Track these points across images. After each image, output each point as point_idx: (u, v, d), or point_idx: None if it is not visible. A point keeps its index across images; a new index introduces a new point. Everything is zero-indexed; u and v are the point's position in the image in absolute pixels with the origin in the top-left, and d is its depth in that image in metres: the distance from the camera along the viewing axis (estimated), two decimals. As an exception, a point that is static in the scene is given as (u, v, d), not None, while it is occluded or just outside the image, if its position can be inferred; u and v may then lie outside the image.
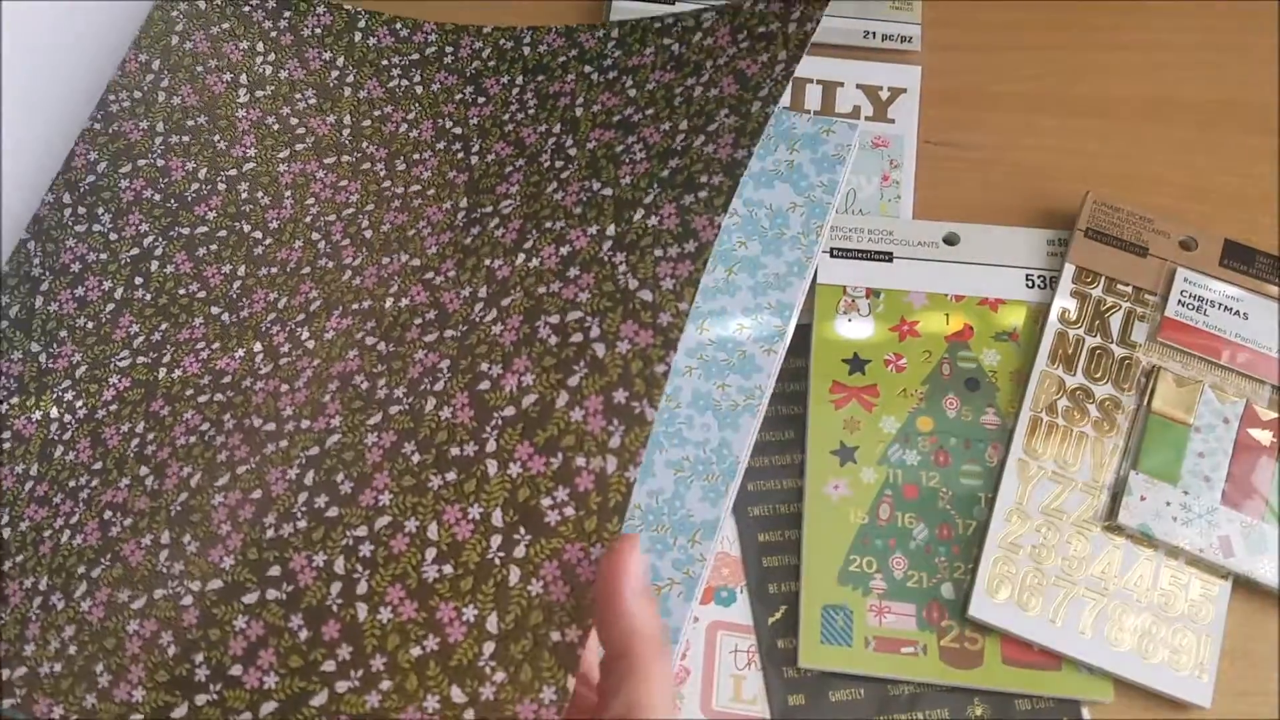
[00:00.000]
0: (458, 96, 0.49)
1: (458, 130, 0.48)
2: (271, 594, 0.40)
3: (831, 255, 0.49)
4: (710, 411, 0.45)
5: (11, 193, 0.50)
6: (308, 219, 0.48)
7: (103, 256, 0.49)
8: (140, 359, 0.47)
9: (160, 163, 0.51)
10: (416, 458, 0.39)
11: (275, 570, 0.40)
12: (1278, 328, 0.47)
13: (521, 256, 0.42)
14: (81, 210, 0.50)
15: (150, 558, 0.42)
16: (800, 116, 0.49)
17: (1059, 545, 0.45)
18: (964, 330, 0.48)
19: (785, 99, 0.52)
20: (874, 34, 0.54)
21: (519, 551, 0.37)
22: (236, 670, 0.39)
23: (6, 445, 0.46)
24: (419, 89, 0.50)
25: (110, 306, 0.48)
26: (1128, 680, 0.43)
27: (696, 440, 0.45)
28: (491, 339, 0.40)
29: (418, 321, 0.42)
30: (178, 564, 0.41)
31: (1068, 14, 0.55)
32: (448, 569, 0.38)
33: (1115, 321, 0.48)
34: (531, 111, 0.47)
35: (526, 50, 0.49)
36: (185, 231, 0.49)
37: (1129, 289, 0.48)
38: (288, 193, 0.49)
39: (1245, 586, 0.45)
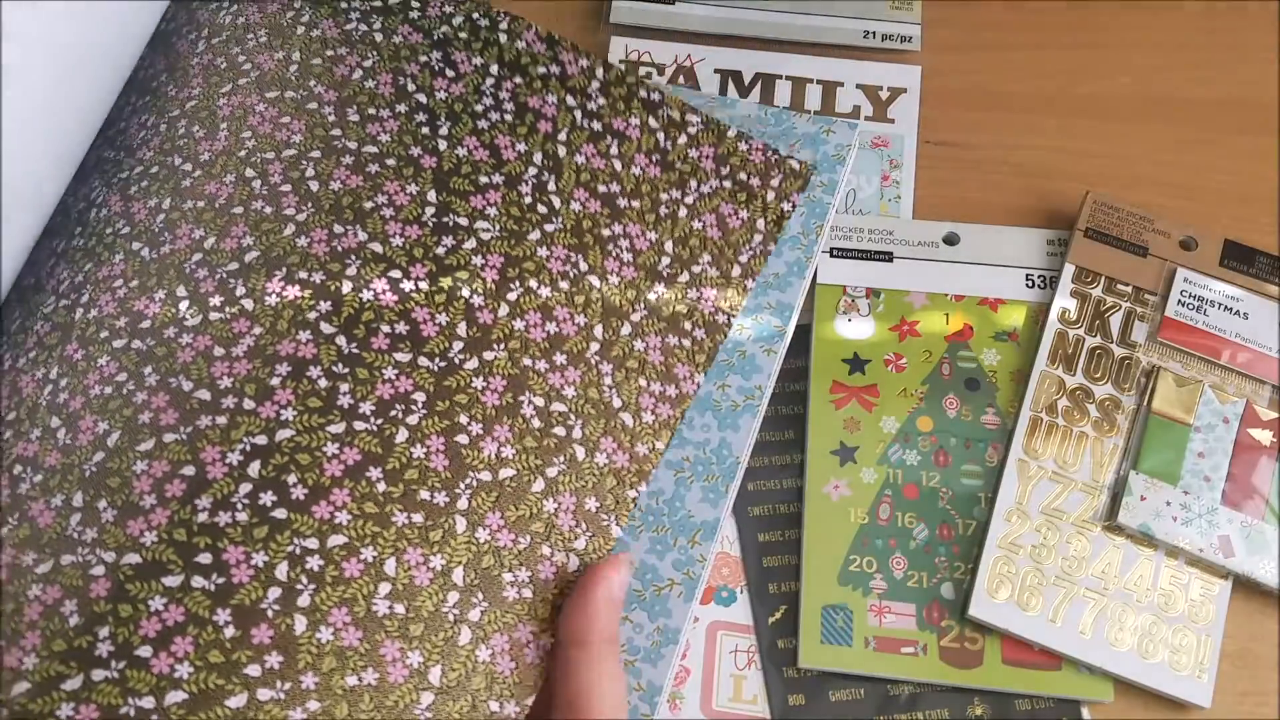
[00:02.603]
0: (422, 58, 0.46)
1: (422, 98, 0.45)
2: (198, 581, 0.37)
3: (831, 255, 0.49)
4: (710, 411, 0.45)
5: (15, 203, 0.49)
6: (242, 153, 0.44)
7: (57, 220, 0.48)
8: (62, 302, 0.43)
9: (121, 125, 0.49)
10: (382, 486, 0.38)
11: (205, 558, 0.37)
12: (1278, 328, 0.47)
13: (505, 309, 0.41)
14: None
15: (61, 520, 0.38)
16: (800, 116, 0.49)
17: (1059, 545, 0.45)
18: (964, 330, 0.48)
19: (785, 98, 0.52)
20: (874, 34, 0.54)
21: (473, 615, 0.38)
22: (145, 651, 0.36)
23: None
24: (379, 37, 0.46)
25: (51, 261, 0.46)
26: (1128, 680, 0.43)
27: (696, 440, 0.45)
28: (473, 392, 0.40)
29: (385, 330, 0.40)
30: (90, 530, 0.38)
31: (1068, 14, 0.55)
32: (400, 609, 0.37)
33: (1115, 321, 0.48)
34: (509, 119, 0.45)
35: (503, 38, 0.46)
36: (124, 175, 0.46)
37: (1129, 289, 0.48)
38: (224, 125, 0.45)
39: (1245, 586, 0.45)
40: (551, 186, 0.44)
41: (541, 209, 0.43)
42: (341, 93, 0.45)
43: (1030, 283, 0.49)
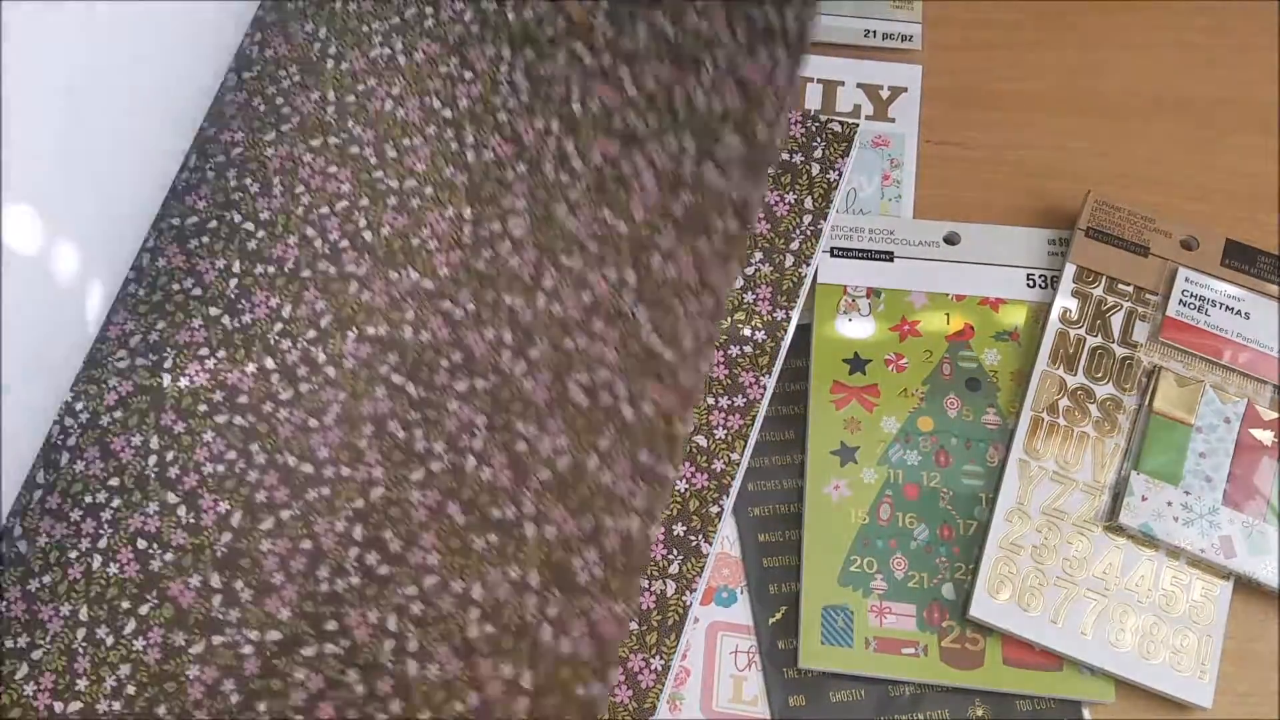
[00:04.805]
0: (443, 70, 0.48)
1: (447, 113, 0.47)
2: (330, 648, 0.41)
3: (832, 255, 0.49)
4: (710, 411, 0.45)
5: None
6: (299, 210, 0.47)
7: None
8: (139, 360, 0.46)
9: None
10: (461, 519, 0.42)
11: (332, 625, 0.42)
12: (1279, 327, 0.47)
13: (542, 299, 0.43)
14: None
15: (203, 601, 0.43)
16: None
17: (1060, 546, 0.45)
18: (965, 330, 0.48)
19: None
20: (874, 33, 0.54)
21: (551, 610, 0.41)
22: None
23: None
24: (401, 59, 0.48)
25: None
26: (1129, 681, 0.43)
27: (697, 440, 0.45)
28: (525, 396, 0.43)
29: (444, 364, 0.44)
30: (233, 611, 0.42)
31: (1068, 14, 0.55)
32: (489, 628, 0.41)
33: (1116, 321, 0.47)
34: (525, 99, 0.46)
35: (511, 16, 0.48)
36: (175, 222, 0.48)
37: (1130, 288, 0.48)
38: (276, 179, 0.47)
39: (1246, 587, 0.45)
40: (570, 148, 0.45)
41: (564, 177, 0.45)
42: (377, 129, 0.47)
43: (1031, 282, 0.49)
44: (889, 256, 0.49)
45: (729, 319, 0.45)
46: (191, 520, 0.44)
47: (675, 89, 0.45)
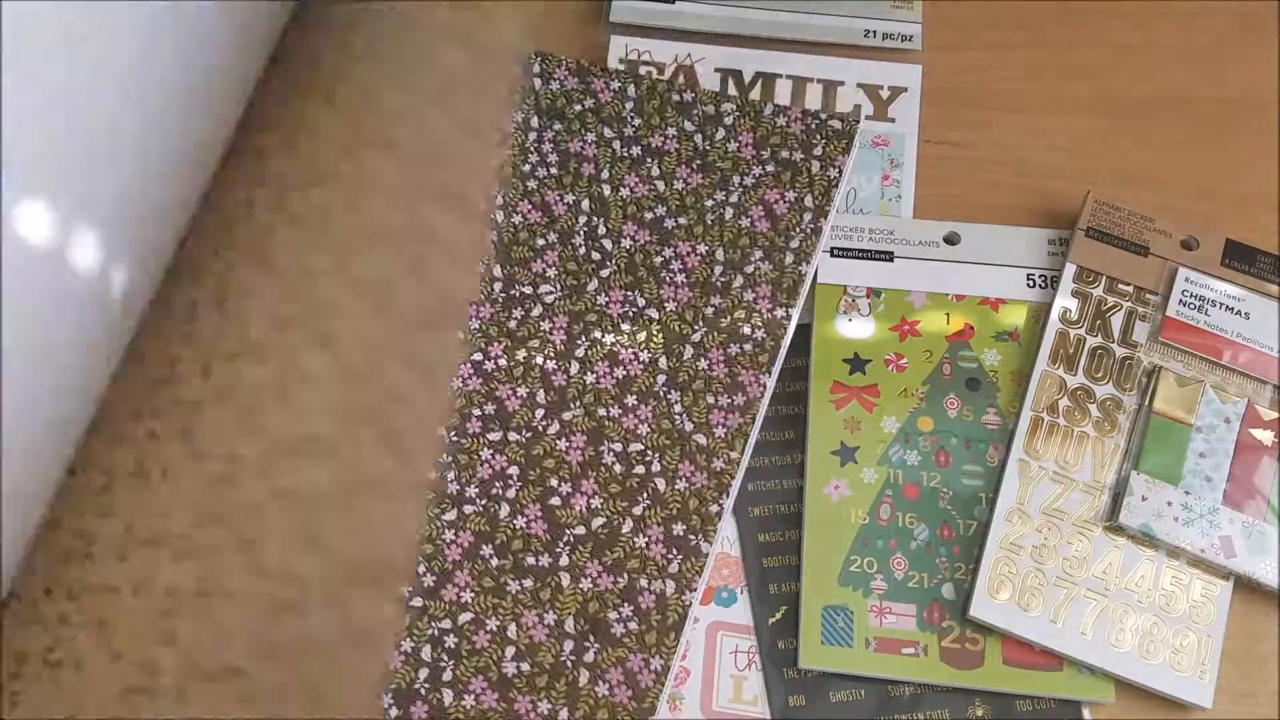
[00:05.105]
0: None
1: None
2: None
3: (832, 254, 0.49)
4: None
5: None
6: None
7: None
8: None
9: None
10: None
11: None
12: (1278, 327, 0.47)
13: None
14: None
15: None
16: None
17: (1060, 546, 0.45)
18: (965, 330, 0.48)
19: (785, 97, 0.52)
20: (874, 33, 0.54)
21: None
22: None
23: None
24: None
25: None
26: (1129, 681, 0.43)
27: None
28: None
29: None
30: None
31: (1068, 14, 0.55)
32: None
33: (1116, 321, 0.47)
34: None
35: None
36: None
37: (1130, 288, 0.48)
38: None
39: (1246, 587, 0.45)
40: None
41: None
42: None
43: (1031, 282, 0.49)
44: (889, 256, 0.49)
45: (728, 317, 0.45)
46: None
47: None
